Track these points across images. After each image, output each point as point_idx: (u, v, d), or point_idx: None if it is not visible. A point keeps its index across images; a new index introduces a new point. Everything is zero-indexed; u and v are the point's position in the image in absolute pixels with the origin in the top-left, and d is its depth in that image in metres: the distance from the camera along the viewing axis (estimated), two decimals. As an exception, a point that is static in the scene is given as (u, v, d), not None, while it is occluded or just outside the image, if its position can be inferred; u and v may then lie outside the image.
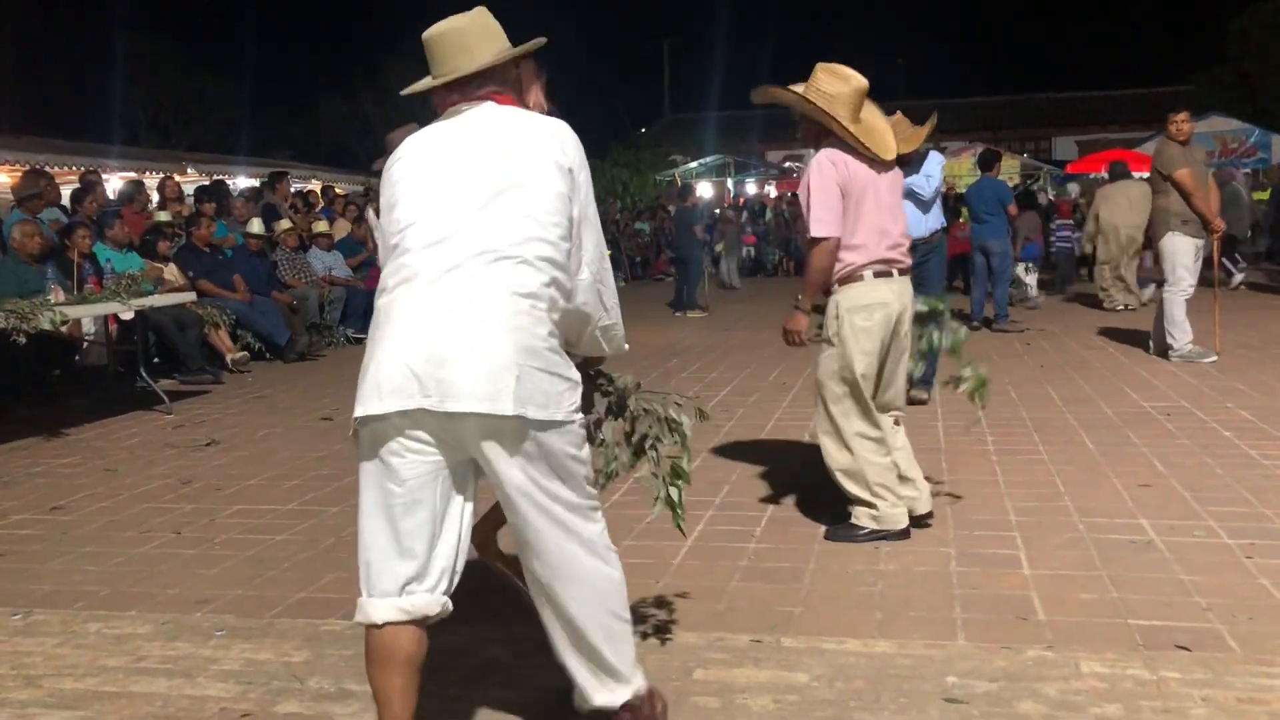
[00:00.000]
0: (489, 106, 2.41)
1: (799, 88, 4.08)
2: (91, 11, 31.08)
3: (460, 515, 2.31)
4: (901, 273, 4.10)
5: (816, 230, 3.97)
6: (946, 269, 7.64)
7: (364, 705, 2.83)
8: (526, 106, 2.48)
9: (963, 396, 4.52)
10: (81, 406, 7.65)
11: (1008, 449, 5.48)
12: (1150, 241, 8.43)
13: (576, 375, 2.31)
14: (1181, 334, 7.97)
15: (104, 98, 29.59)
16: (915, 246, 5.05)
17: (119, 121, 28.11)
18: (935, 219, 6.74)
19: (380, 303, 2.28)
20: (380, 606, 2.28)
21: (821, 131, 4.05)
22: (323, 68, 39.33)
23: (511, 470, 2.21)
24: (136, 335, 8.21)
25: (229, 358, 9.25)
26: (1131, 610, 3.28)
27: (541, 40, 2.50)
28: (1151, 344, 8.42)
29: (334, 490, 5.17)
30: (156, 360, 8.91)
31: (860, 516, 4.04)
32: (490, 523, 2.85)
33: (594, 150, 8.33)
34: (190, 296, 8.60)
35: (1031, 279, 13.11)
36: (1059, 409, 6.47)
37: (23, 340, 6.30)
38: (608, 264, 2.51)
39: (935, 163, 6.77)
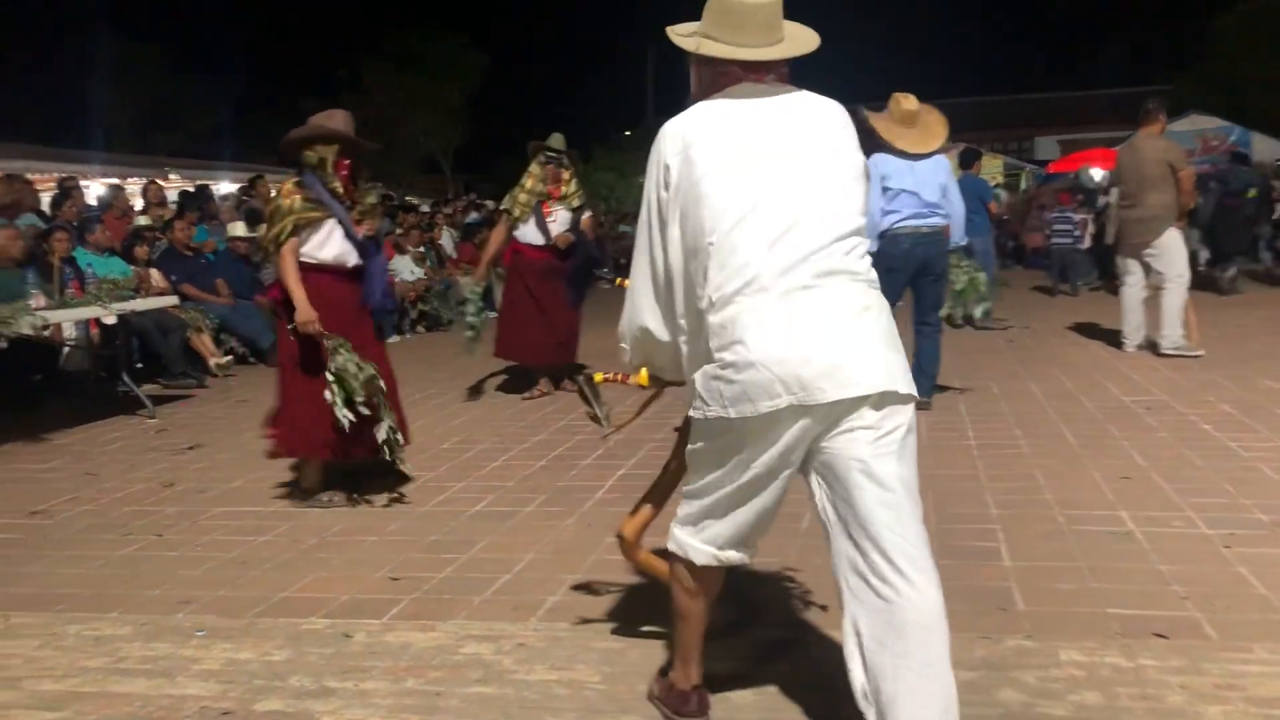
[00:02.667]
0: (793, 92, 2.40)
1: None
2: (68, 15, 30.85)
3: (781, 500, 2.40)
4: None
5: None
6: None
7: (345, 702, 2.84)
8: None
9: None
10: (63, 411, 7.60)
11: (988, 443, 5.50)
12: (1128, 236, 8.35)
13: None
14: (1177, 328, 8.03)
15: (82, 103, 29.38)
16: None
17: (99, 127, 27.94)
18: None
19: (720, 313, 2.23)
20: (701, 553, 2.47)
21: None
22: (303, 71, 39.23)
23: (863, 446, 2.22)
24: (118, 340, 8.17)
25: (212, 362, 9.21)
26: (1110, 600, 3.30)
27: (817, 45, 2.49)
28: (1127, 338, 8.40)
29: (317, 491, 5.16)
30: (139, 365, 8.86)
31: None
32: (644, 520, 2.87)
33: (578, 153, 8.34)
34: (172, 300, 8.57)
35: None
36: (1040, 403, 6.50)
37: (3, 345, 6.27)
38: None
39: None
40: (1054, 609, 3.25)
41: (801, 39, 2.45)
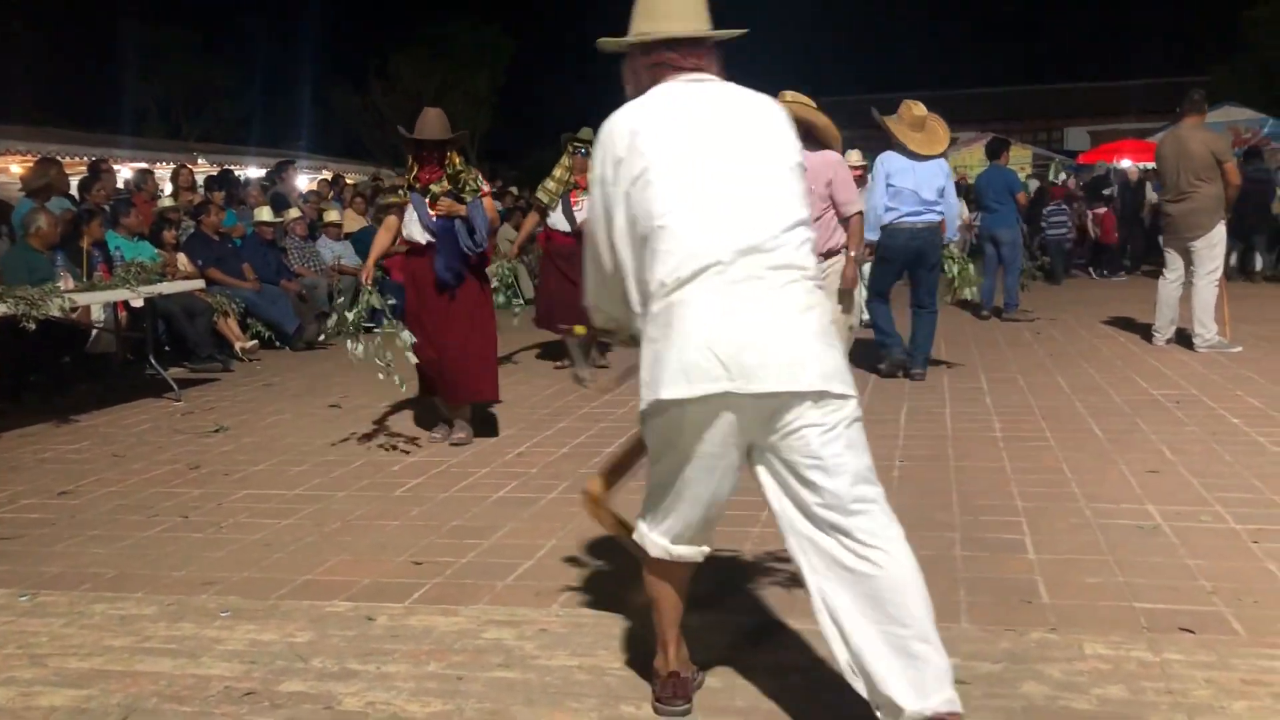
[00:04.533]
0: (729, 85, 2.46)
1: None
2: (102, 1, 31.09)
3: (728, 489, 2.41)
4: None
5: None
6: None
7: (367, 684, 2.85)
8: None
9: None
10: (91, 393, 7.68)
11: (1015, 436, 5.46)
12: (1175, 229, 8.16)
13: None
14: (1211, 325, 7.91)
15: (115, 89, 29.59)
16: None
17: (130, 113, 28.13)
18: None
19: (668, 297, 2.26)
20: (655, 545, 2.51)
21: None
22: (333, 59, 39.47)
23: (812, 443, 2.24)
24: (146, 323, 8.23)
25: (238, 346, 9.27)
26: (1136, 594, 3.27)
27: (745, 30, 2.55)
28: (1158, 332, 8.32)
29: (340, 476, 5.19)
30: (166, 348, 8.94)
31: None
32: (616, 476, 2.91)
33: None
34: (199, 284, 8.63)
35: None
36: (1067, 397, 6.45)
37: (31, 327, 6.32)
38: None
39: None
40: (1079, 602, 3.22)
41: (726, 29, 2.51)
